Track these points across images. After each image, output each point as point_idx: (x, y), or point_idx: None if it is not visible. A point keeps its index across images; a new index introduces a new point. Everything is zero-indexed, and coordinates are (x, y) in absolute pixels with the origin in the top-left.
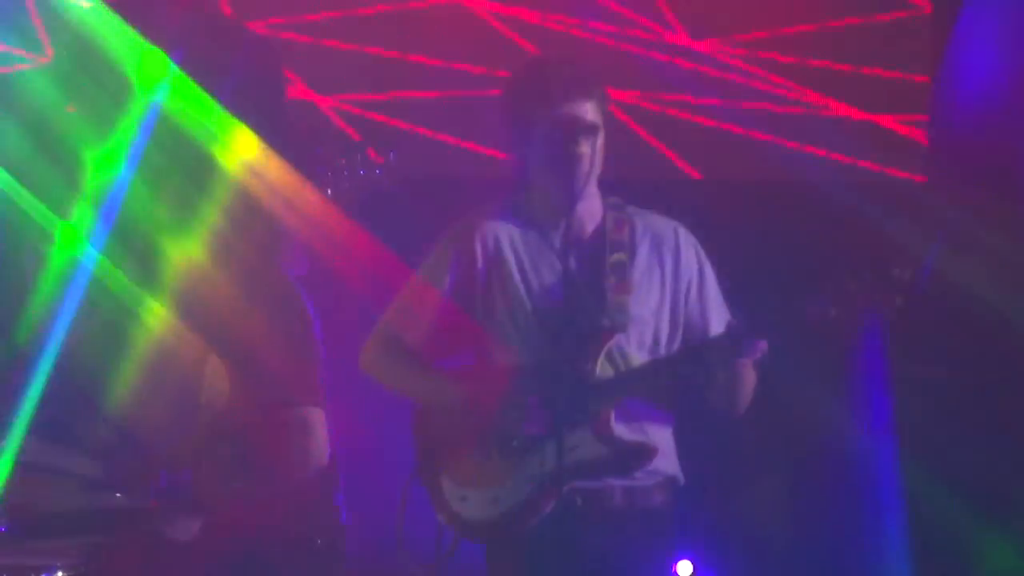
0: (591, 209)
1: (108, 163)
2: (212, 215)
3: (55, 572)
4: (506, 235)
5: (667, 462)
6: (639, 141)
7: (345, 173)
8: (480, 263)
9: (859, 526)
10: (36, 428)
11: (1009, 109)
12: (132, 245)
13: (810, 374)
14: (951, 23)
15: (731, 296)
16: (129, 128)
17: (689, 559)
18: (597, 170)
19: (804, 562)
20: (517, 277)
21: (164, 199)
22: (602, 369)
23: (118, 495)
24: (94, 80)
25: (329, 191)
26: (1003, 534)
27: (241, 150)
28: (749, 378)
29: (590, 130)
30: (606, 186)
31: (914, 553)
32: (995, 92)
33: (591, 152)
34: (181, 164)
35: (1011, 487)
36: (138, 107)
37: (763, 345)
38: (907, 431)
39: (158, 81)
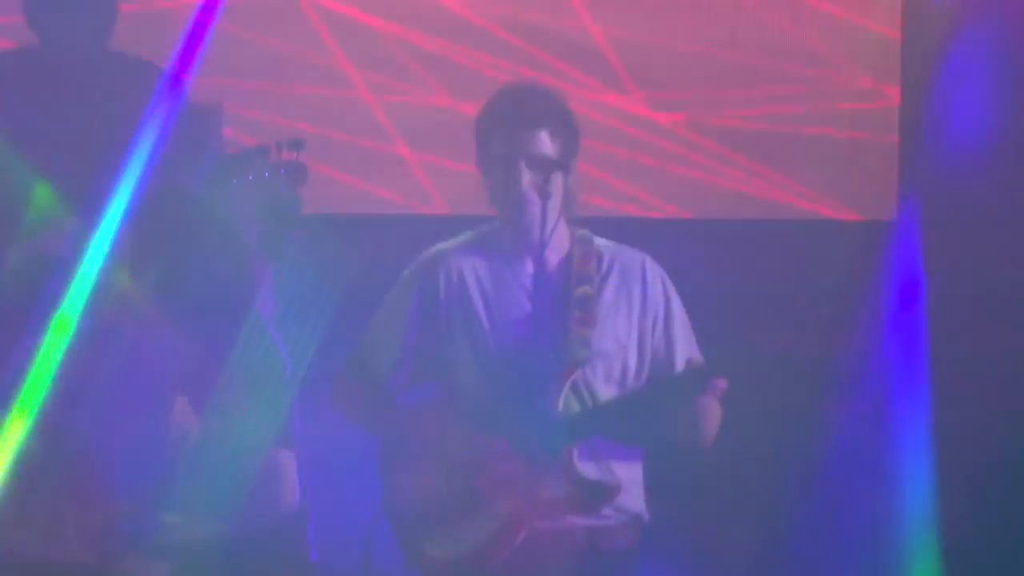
0: (558, 241)
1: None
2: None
3: None
4: (471, 267)
5: (632, 500)
6: None
7: (250, 178)
8: (443, 296)
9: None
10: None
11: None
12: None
13: (776, 409)
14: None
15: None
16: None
17: None
18: (559, 208)
19: None
20: (480, 311)
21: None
22: (566, 404)
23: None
24: None
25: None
26: None
27: None
28: (713, 413)
29: (549, 165)
30: (576, 219)
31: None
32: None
33: (550, 189)
34: None
35: None
36: None
37: (722, 383)
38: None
39: None
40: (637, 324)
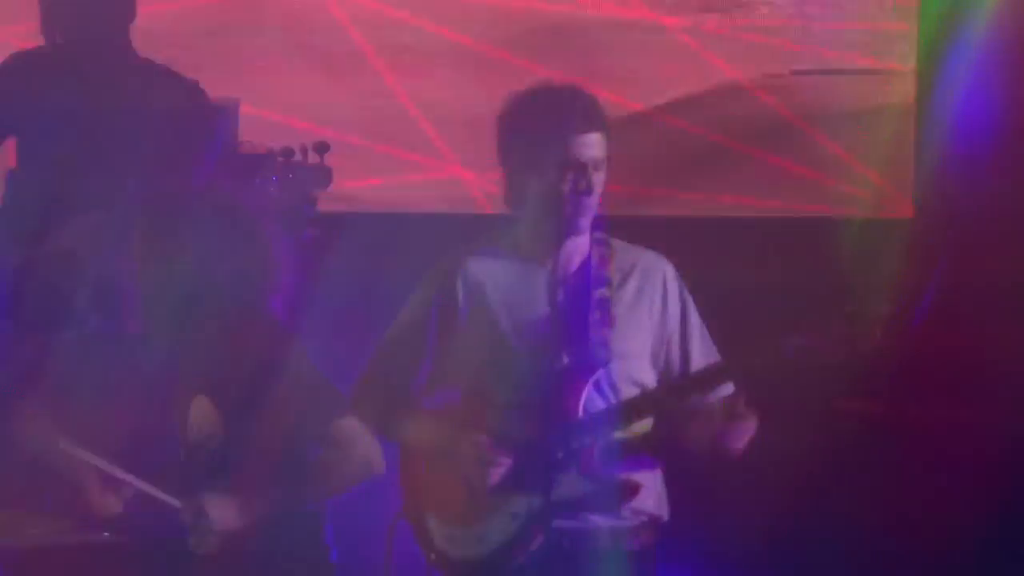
0: (578, 243)
1: None
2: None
3: None
4: (489, 272)
5: (652, 500)
6: None
7: (273, 179)
8: (462, 301)
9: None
10: None
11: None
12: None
13: (792, 411)
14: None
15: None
16: None
17: None
18: (593, 209)
19: None
20: (499, 315)
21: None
22: (586, 405)
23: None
24: None
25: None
26: None
27: None
28: (725, 424)
29: (599, 164)
30: (594, 220)
31: None
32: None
33: (598, 186)
34: None
35: None
36: None
37: (730, 389)
38: None
39: None
40: (654, 327)
